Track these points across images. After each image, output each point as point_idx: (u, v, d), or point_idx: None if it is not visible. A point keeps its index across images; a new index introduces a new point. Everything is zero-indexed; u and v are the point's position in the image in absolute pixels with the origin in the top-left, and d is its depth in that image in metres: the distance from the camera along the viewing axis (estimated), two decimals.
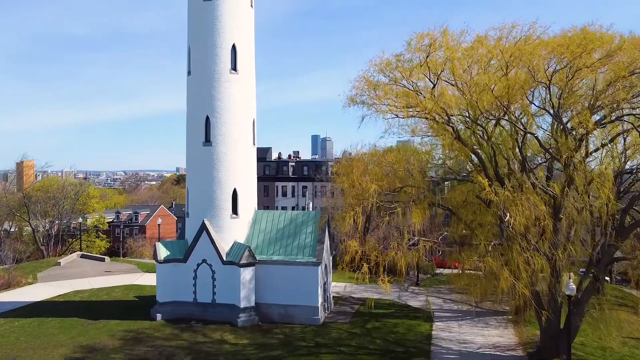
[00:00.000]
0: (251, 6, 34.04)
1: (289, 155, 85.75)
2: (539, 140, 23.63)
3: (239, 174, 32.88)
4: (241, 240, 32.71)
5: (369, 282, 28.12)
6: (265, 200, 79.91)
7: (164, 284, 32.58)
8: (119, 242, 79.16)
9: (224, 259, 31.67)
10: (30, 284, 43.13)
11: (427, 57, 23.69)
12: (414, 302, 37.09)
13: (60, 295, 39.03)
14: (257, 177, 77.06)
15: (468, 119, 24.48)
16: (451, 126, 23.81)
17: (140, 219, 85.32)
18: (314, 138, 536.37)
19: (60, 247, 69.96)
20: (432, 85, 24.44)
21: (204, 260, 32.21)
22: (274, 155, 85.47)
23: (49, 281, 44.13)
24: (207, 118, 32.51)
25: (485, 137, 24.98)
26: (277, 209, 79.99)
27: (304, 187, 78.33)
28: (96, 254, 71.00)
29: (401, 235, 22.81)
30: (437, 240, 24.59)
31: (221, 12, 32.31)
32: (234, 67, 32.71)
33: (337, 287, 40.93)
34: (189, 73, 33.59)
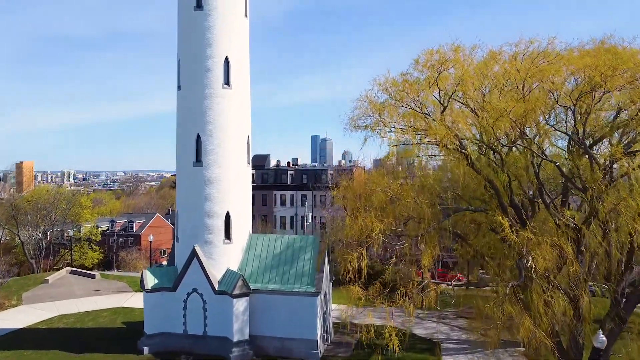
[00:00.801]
0: (245, 16, 31.79)
1: (288, 163, 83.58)
2: (561, 170, 21.40)
3: (233, 196, 30.66)
4: (234, 266, 30.51)
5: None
6: (264, 210, 77.73)
7: (151, 314, 30.36)
8: (113, 251, 76.86)
9: (216, 288, 29.46)
10: (14, 306, 40.91)
11: (437, 77, 21.43)
12: (420, 330, 34.79)
13: (44, 320, 36.84)
14: (255, 186, 73.73)
15: (482, 143, 22.22)
16: (463, 152, 21.56)
17: (135, 227, 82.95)
18: (314, 138, 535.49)
19: (52, 259, 67.76)
20: (442, 108, 22.21)
21: (194, 290, 30.01)
22: (273, 163, 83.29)
23: (34, 303, 41.94)
24: (198, 136, 30.30)
25: (500, 164, 22.78)
26: (275, 219, 77.83)
27: (303, 196, 76.11)
28: (89, 265, 68.95)
29: (409, 278, 20.62)
30: (451, 283, 22.31)
31: (213, 23, 30.09)
32: (227, 82, 30.48)
33: (337, 310, 38.60)
34: (178, 88, 31.36)
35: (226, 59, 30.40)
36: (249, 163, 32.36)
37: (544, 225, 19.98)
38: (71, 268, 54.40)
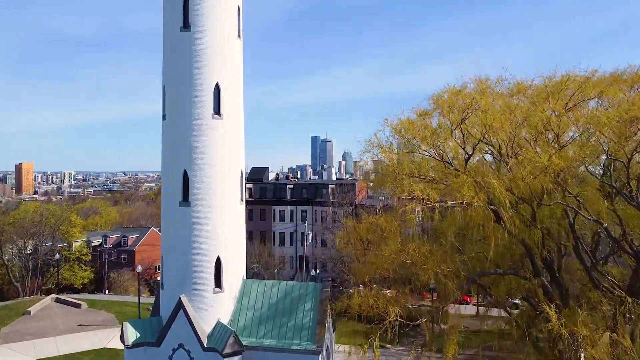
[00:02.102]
0: (239, 37, 28.46)
1: (288, 176, 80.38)
2: (610, 234, 18.12)
3: (224, 239, 27.32)
4: (226, 318, 27.22)
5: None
6: (262, 225, 74.57)
7: None
8: (105, 269, 73.60)
9: (205, 344, 26.14)
10: None
11: (461, 122, 18.13)
12: None
13: None
14: (253, 200, 69.37)
15: (513, 196, 18.94)
16: (492, 209, 18.29)
17: (128, 243, 79.61)
18: (314, 140, 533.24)
19: (40, 279, 64.55)
20: (467, 156, 18.92)
21: (180, 345, 26.65)
22: (272, 176, 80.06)
23: (11, 342, 38.70)
24: (185, 173, 26.99)
25: (532, 217, 19.52)
26: (274, 235, 74.60)
27: (303, 212, 72.95)
28: (78, 285, 65.78)
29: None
30: None
31: (201, 45, 26.76)
32: (217, 111, 27.15)
33: (339, 353, 35.36)
34: (163, 117, 28.05)
35: (216, 85, 27.11)
36: (242, 200, 29.05)
37: (594, 311, 16.71)
38: (56, 296, 51.20)
